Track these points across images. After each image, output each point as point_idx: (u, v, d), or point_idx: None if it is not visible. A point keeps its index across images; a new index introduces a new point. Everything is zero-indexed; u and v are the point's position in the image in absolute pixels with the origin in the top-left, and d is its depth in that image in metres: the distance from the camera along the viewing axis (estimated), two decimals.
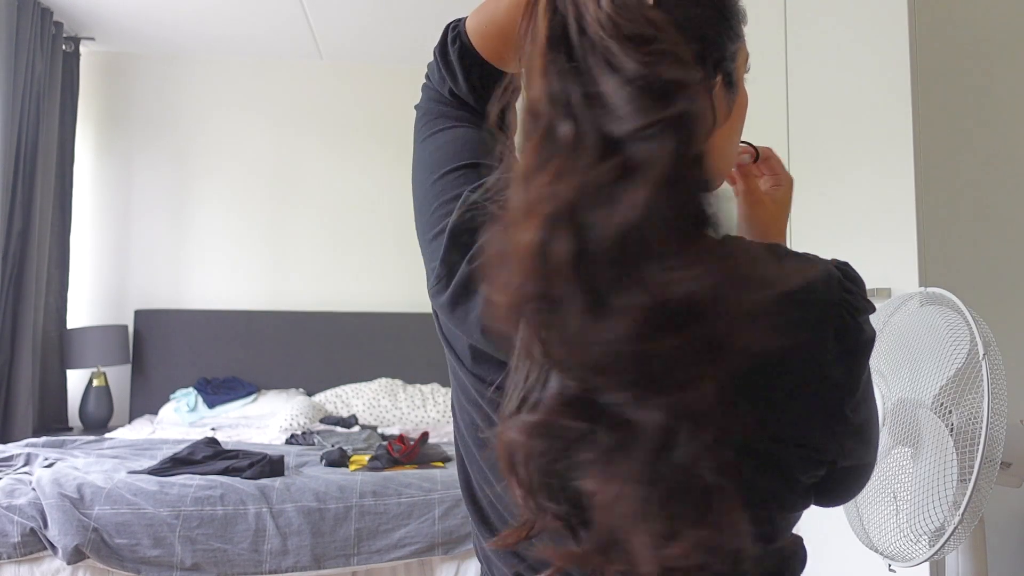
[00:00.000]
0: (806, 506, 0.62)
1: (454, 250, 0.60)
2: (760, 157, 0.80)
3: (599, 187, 0.43)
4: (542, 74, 0.47)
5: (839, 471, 0.62)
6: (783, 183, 0.81)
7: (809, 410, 0.56)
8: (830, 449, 0.58)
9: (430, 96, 0.72)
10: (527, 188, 0.45)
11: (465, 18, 0.69)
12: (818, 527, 1.80)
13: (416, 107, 0.74)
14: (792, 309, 0.53)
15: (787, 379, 0.54)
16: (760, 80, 2.18)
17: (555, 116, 0.45)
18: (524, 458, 0.49)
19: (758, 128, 2.18)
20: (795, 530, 0.64)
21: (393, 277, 3.94)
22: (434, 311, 0.66)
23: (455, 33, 0.68)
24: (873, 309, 0.59)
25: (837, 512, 1.34)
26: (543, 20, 0.48)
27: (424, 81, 0.73)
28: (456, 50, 0.67)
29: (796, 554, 0.63)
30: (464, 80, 0.67)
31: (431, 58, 0.72)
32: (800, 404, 0.55)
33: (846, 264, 0.59)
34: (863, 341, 0.57)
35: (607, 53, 0.45)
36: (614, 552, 0.48)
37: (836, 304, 0.55)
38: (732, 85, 0.62)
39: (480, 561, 0.71)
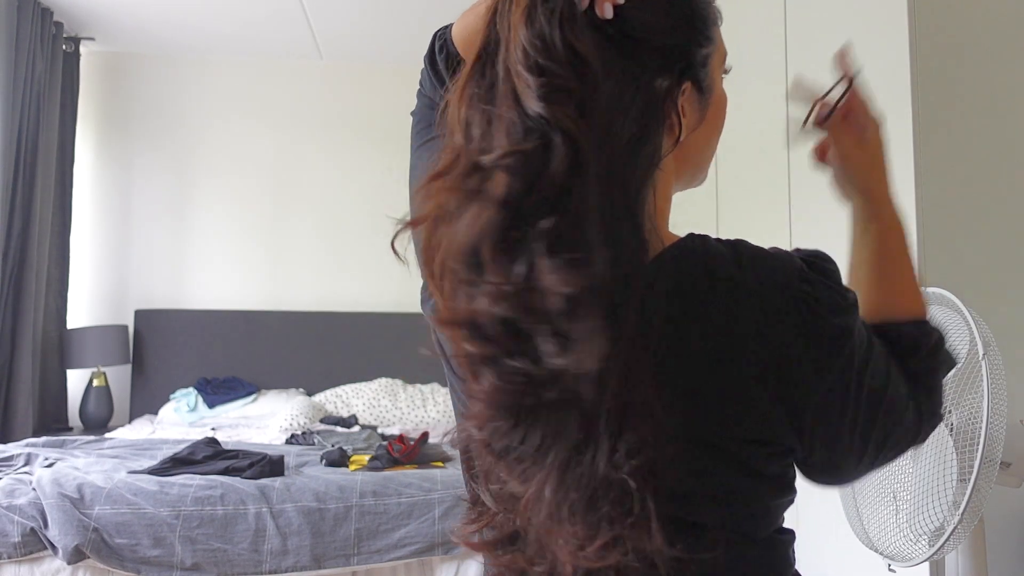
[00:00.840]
0: (783, 496, 0.60)
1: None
2: (830, 119, 0.75)
3: (451, 206, 0.50)
4: (459, 96, 0.52)
5: (818, 460, 0.61)
6: (868, 128, 0.74)
7: (766, 406, 0.55)
8: (796, 447, 0.58)
9: (423, 103, 0.73)
10: (423, 192, 0.53)
11: (451, 25, 0.70)
12: (818, 527, 1.80)
13: (412, 114, 0.75)
14: (739, 307, 0.54)
15: (734, 375, 0.54)
16: (760, 80, 2.18)
17: (455, 135, 0.52)
18: (475, 454, 0.52)
19: (758, 128, 2.18)
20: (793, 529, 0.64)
21: (393, 277, 3.94)
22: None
23: (442, 41, 0.69)
24: (848, 301, 0.57)
25: (837, 512, 1.34)
26: (479, 40, 0.53)
27: (418, 88, 0.74)
28: (443, 58, 0.68)
29: (775, 556, 0.62)
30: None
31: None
32: (754, 400, 0.54)
33: (816, 256, 0.58)
34: (830, 335, 0.55)
35: (516, 81, 0.49)
36: (538, 553, 0.50)
37: (794, 299, 0.54)
38: (703, 90, 0.62)
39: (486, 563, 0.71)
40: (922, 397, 0.64)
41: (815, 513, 1.79)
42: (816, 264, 0.57)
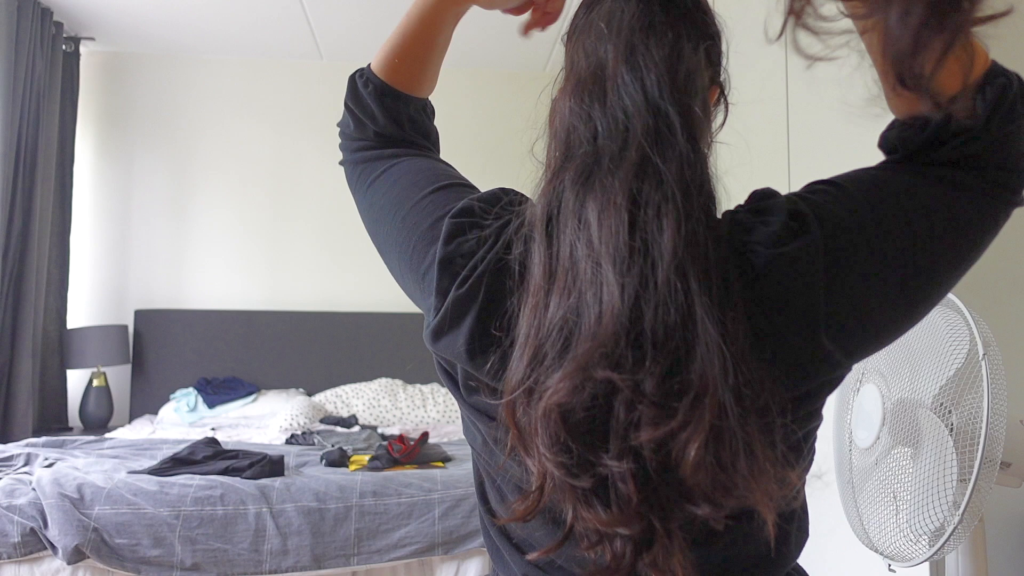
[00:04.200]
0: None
1: (446, 278, 0.59)
2: None
3: None
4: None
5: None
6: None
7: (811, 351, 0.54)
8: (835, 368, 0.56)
9: (353, 148, 0.73)
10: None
11: (367, 66, 0.73)
12: (818, 527, 1.80)
13: (341, 164, 0.75)
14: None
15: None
16: (760, 81, 2.18)
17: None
18: (570, 410, 0.48)
19: (758, 128, 2.18)
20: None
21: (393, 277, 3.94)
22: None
23: (364, 78, 0.71)
24: (795, 225, 0.53)
25: (837, 512, 1.34)
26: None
27: (339, 141, 0.75)
28: (370, 92, 0.70)
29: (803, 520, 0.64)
30: (384, 116, 0.70)
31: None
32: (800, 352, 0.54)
33: (752, 198, 0.57)
34: (782, 266, 0.52)
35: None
36: (650, 511, 0.48)
37: (736, 252, 0.53)
38: (721, 99, 0.67)
39: (493, 559, 0.70)
40: (989, 177, 0.57)
41: (815, 513, 1.79)
42: (750, 206, 0.56)
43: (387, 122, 0.70)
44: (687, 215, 0.49)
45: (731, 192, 0.57)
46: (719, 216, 0.55)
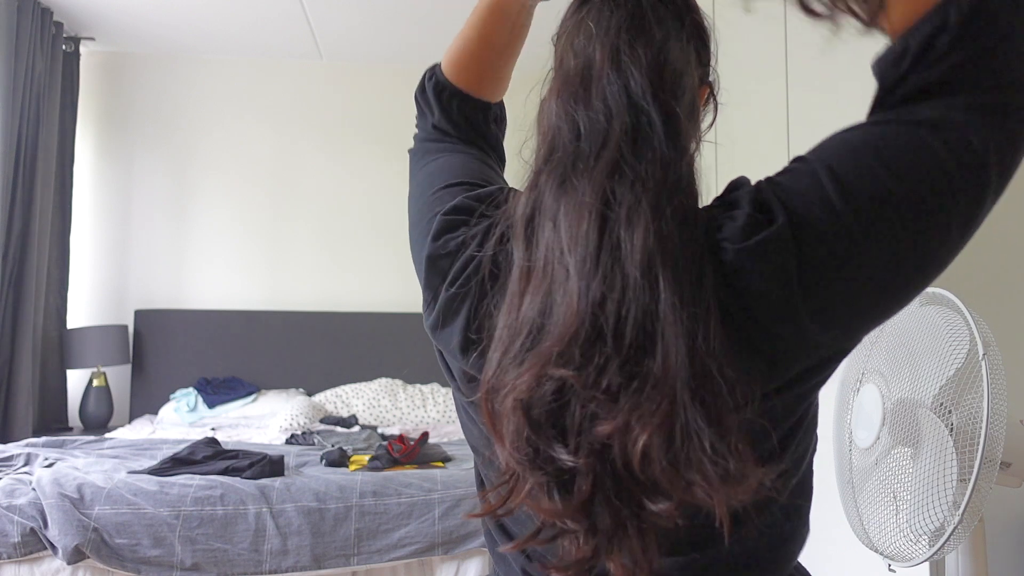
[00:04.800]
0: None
1: (434, 275, 0.61)
2: None
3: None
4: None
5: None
6: None
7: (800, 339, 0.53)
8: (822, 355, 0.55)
9: (417, 137, 0.77)
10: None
11: (439, 62, 0.75)
12: (818, 527, 1.80)
13: (409, 151, 0.78)
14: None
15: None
16: (760, 81, 2.18)
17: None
18: (531, 406, 0.49)
19: (758, 128, 2.18)
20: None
21: (393, 277, 3.94)
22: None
23: (431, 72, 0.75)
24: (760, 218, 0.51)
25: (837, 512, 1.34)
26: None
27: (415, 126, 0.78)
28: (432, 86, 0.73)
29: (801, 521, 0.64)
30: (440, 112, 0.73)
31: (430, 61, 0.77)
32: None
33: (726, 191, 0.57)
34: (754, 260, 0.51)
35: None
36: (607, 500, 0.48)
37: (711, 248, 0.53)
38: (711, 98, 0.67)
39: (495, 562, 0.71)
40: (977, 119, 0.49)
41: (815, 513, 1.79)
42: (723, 199, 0.56)
43: (442, 115, 0.73)
44: (658, 215, 0.49)
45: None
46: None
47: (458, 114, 0.73)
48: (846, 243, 0.49)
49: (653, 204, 0.50)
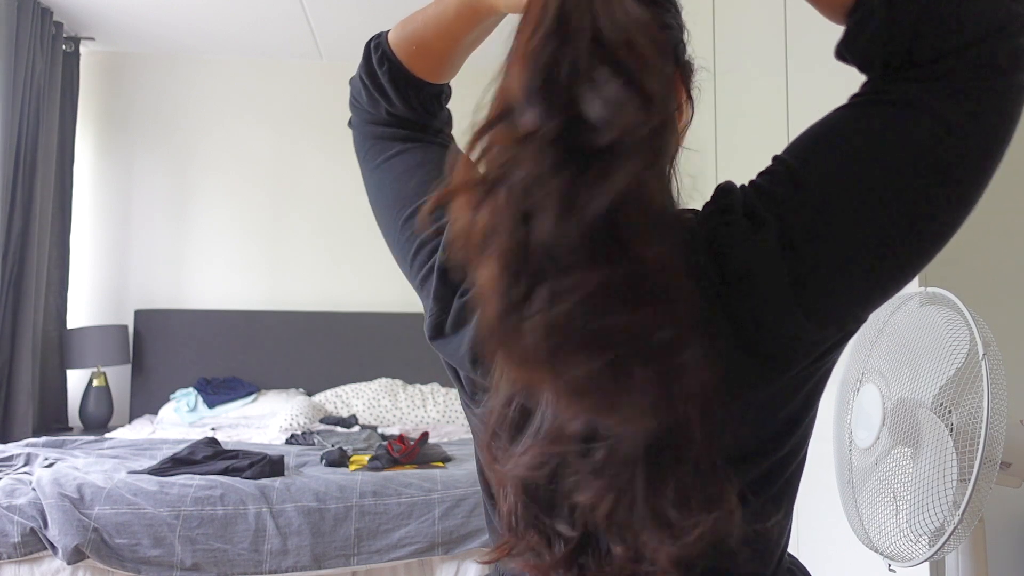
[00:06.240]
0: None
1: (445, 287, 0.60)
2: None
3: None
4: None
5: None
6: None
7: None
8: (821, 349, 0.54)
9: (365, 119, 0.71)
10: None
11: (385, 33, 0.68)
12: (818, 527, 1.80)
13: (349, 125, 0.73)
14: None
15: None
16: (760, 80, 2.18)
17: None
18: (524, 487, 0.51)
19: (758, 128, 2.18)
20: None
21: (394, 277, 3.92)
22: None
23: (380, 53, 0.67)
24: (752, 222, 0.51)
25: (837, 512, 1.34)
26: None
27: (350, 100, 0.72)
28: (385, 72, 0.66)
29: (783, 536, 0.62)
30: (400, 101, 0.67)
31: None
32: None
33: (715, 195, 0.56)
34: (750, 264, 0.50)
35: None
36: (590, 558, 0.51)
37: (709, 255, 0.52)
38: (686, 86, 0.64)
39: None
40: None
41: (815, 513, 1.79)
42: (717, 203, 0.55)
43: (402, 105, 0.67)
44: None
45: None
46: (697, 213, 0.55)
47: (417, 101, 0.68)
48: (830, 239, 0.49)
49: None
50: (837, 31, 0.55)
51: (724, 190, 0.55)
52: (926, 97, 0.48)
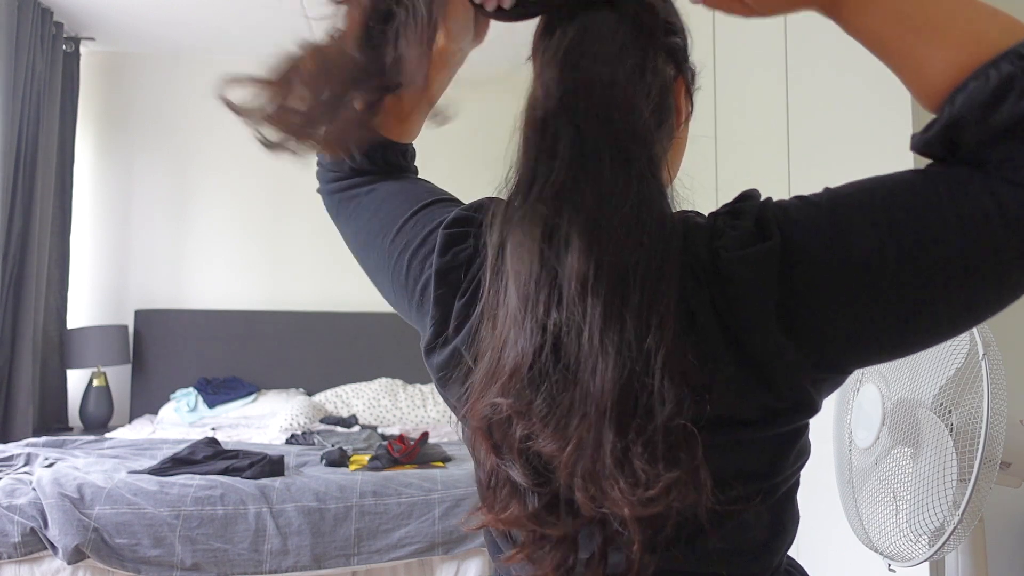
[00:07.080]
0: (799, 451, 0.59)
1: (445, 288, 0.60)
2: None
3: None
4: None
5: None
6: None
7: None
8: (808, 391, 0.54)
9: (330, 179, 0.75)
10: None
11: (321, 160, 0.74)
12: (818, 527, 1.80)
13: (319, 192, 0.77)
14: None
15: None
16: (760, 80, 2.18)
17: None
18: (494, 426, 0.52)
19: (758, 128, 2.19)
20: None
21: None
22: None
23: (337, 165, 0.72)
24: (759, 235, 0.51)
25: (837, 512, 1.34)
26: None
27: (316, 169, 0.77)
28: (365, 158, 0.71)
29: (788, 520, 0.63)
30: (360, 156, 0.71)
31: None
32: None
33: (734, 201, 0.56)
34: (748, 269, 0.50)
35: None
36: (562, 510, 0.52)
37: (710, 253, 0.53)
38: (688, 92, 0.65)
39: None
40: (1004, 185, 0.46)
41: (815, 513, 1.79)
42: (730, 210, 0.56)
43: (364, 161, 0.71)
44: (596, 237, 0.49)
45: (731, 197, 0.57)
46: (707, 215, 0.56)
47: (381, 159, 0.71)
48: (834, 288, 0.50)
49: (591, 227, 0.49)
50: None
51: (744, 195, 0.56)
52: (992, 183, 0.46)
